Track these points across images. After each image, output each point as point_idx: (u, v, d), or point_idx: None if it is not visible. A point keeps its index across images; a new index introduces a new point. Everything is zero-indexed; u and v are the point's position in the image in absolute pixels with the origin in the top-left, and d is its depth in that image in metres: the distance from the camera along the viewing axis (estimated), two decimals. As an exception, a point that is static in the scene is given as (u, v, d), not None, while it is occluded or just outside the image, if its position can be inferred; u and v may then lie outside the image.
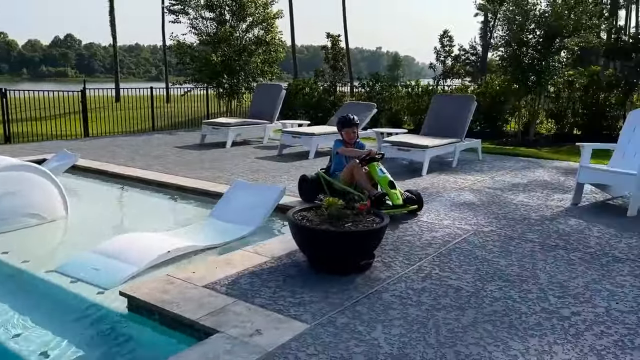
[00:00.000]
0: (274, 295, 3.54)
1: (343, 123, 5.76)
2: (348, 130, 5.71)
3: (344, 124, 5.74)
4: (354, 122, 5.74)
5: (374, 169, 5.38)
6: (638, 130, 5.90)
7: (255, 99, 11.79)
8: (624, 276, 3.84)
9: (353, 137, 5.75)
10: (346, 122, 5.74)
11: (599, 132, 11.03)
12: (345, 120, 5.75)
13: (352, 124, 5.72)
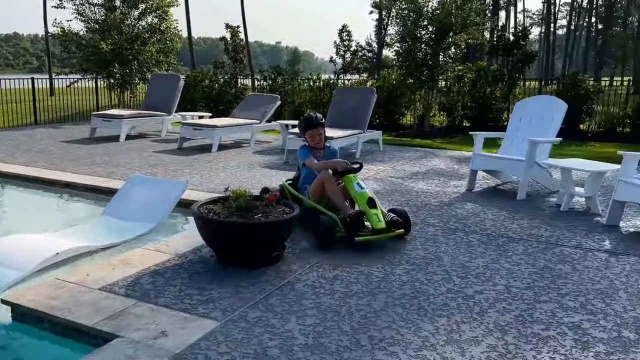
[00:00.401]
0: (179, 294, 3.33)
1: (306, 124, 4.68)
2: (313, 132, 4.66)
3: (308, 125, 4.67)
4: (318, 121, 4.66)
5: (350, 182, 4.38)
6: (524, 119, 6.35)
7: (150, 89, 11.15)
8: (519, 255, 4.09)
9: (320, 141, 4.71)
10: (309, 122, 4.67)
11: (486, 123, 11.78)
12: (308, 120, 4.68)
13: (316, 123, 4.65)
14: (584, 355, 2.67)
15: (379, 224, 4.12)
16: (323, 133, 4.74)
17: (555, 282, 3.56)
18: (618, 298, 3.33)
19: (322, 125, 4.71)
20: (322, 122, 4.71)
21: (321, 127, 4.71)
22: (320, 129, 4.70)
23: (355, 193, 4.30)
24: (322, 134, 4.72)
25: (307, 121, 4.71)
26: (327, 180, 4.34)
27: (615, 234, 4.60)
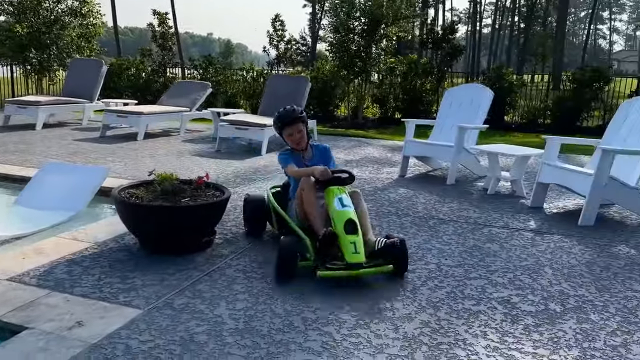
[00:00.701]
0: (98, 283, 3.08)
1: (282, 120, 3.69)
2: (291, 129, 3.68)
3: (284, 121, 3.68)
4: (296, 115, 3.68)
5: (331, 197, 3.37)
6: (454, 106, 6.48)
7: (70, 75, 10.41)
8: (449, 235, 4.14)
9: (301, 140, 3.71)
10: (284, 118, 3.68)
11: (417, 115, 11.98)
12: (283, 116, 3.70)
13: (293, 118, 3.67)
14: (514, 328, 2.71)
15: (354, 256, 3.05)
16: (304, 129, 3.71)
17: (484, 260, 3.62)
18: (544, 273, 3.43)
19: (300, 119, 3.68)
20: (300, 116, 3.69)
21: (301, 122, 3.69)
22: (299, 125, 3.68)
23: (333, 211, 3.25)
24: (302, 131, 3.70)
25: (281, 117, 3.69)
26: (306, 190, 3.38)
27: (539, 214, 4.78)
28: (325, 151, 3.88)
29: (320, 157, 3.81)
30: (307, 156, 3.79)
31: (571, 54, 36.19)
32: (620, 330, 2.71)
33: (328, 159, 3.83)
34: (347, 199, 3.35)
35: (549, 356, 2.47)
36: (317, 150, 3.86)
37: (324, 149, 3.90)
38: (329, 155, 3.87)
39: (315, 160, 3.77)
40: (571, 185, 4.71)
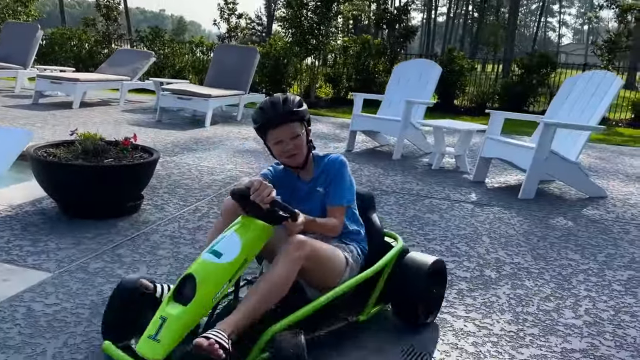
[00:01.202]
0: (6, 246, 2.81)
1: (265, 117, 2.10)
2: (279, 132, 2.11)
3: (268, 119, 2.10)
4: (289, 108, 2.10)
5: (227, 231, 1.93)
6: (402, 81, 6.40)
7: (2, 39, 9.73)
8: (390, 205, 4.05)
9: (298, 151, 2.14)
10: (269, 112, 2.10)
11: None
12: (267, 108, 2.10)
13: (283, 113, 2.09)
14: (447, 292, 2.63)
15: (148, 345, 1.62)
16: (303, 134, 2.13)
17: (423, 229, 3.55)
18: (481, 242, 3.39)
19: (296, 116, 2.10)
20: (296, 112, 2.10)
21: (297, 122, 2.11)
22: (293, 127, 2.10)
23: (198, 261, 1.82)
24: (300, 137, 2.11)
25: (263, 112, 2.10)
26: (222, 214, 2.09)
27: (481, 188, 4.77)
28: (336, 168, 2.16)
29: (326, 179, 2.17)
30: (306, 176, 2.22)
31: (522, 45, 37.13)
32: (554, 296, 2.69)
33: (338, 183, 2.15)
34: (235, 242, 1.81)
35: (481, 320, 2.40)
36: (323, 164, 2.19)
37: (336, 164, 2.17)
38: (341, 175, 2.16)
39: (320, 182, 2.18)
40: (513, 159, 4.71)
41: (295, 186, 2.21)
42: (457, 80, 11.54)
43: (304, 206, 2.07)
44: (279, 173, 2.24)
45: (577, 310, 2.55)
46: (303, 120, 2.12)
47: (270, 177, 2.18)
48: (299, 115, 2.09)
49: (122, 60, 9.17)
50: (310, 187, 2.19)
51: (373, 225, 2.41)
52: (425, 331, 2.27)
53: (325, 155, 2.22)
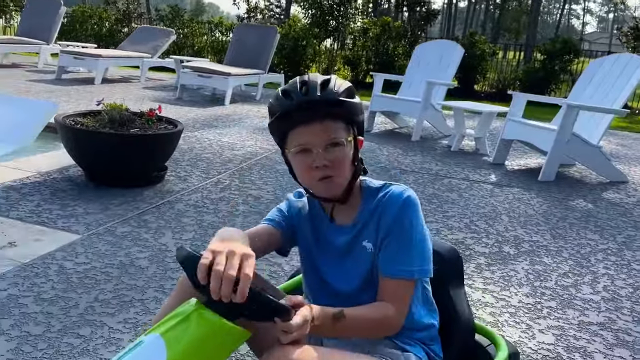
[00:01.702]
0: (36, 209, 2.90)
1: (286, 108, 1.15)
2: (304, 136, 1.15)
3: (290, 113, 1.14)
4: (329, 98, 1.14)
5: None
6: (423, 62, 6.37)
7: (25, 14, 9.81)
8: (409, 183, 4.07)
9: (335, 173, 1.16)
10: (294, 97, 1.14)
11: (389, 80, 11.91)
12: (288, 94, 1.16)
13: (317, 105, 1.13)
14: (466, 266, 2.67)
15: None
16: (347, 143, 1.17)
17: (442, 207, 3.58)
18: (500, 220, 3.41)
19: (335, 110, 1.16)
20: (337, 101, 1.15)
21: (334, 122, 1.16)
22: (331, 127, 1.15)
23: None
24: (342, 146, 1.16)
25: (284, 98, 1.16)
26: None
27: (500, 170, 4.76)
28: (399, 211, 1.19)
29: (378, 228, 1.21)
30: (345, 218, 1.27)
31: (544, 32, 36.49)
32: (572, 273, 2.71)
33: (403, 239, 1.19)
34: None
35: (499, 292, 2.44)
36: (381, 203, 1.22)
37: (400, 203, 1.19)
38: (409, 224, 1.19)
39: (369, 231, 1.22)
40: (534, 141, 4.69)
41: (324, 234, 1.27)
42: (478, 65, 11.43)
43: (335, 271, 1.25)
44: (299, 210, 1.31)
45: (595, 287, 2.57)
46: (352, 120, 1.18)
47: (284, 223, 1.29)
48: (347, 109, 1.16)
49: (143, 38, 9.23)
50: (351, 239, 1.23)
51: (457, 313, 1.32)
52: (444, 300, 2.31)
53: (383, 187, 1.24)
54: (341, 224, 1.25)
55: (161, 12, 13.24)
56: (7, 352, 1.70)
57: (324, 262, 1.28)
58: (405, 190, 1.21)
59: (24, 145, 4.29)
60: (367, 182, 1.27)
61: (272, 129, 1.19)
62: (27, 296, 2.03)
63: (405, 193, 1.20)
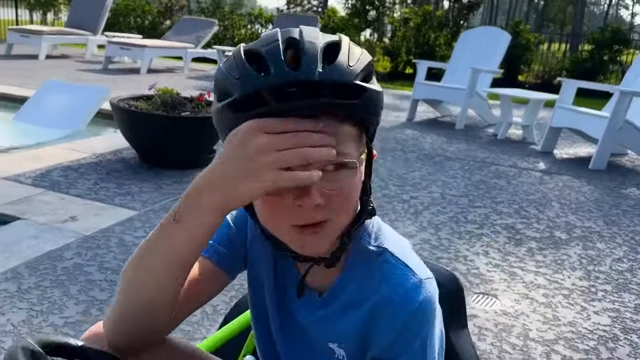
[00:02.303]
0: (94, 187, 3.02)
1: (255, 87, 0.59)
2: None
3: (250, 104, 0.60)
4: (335, 79, 0.60)
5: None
6: (468, 49, 6.27)
7: (74, 4, 10.11)
8: (455, 170, 4.04)
9: (331, 216, 0.65)
10: (273, 69, 0.60)
11: (429, 71, 11.78)
12: (263, 60, 0.61)
13: (315, 87, 0.59)
14: (517, 250, 2.64)
15: None
16: (357, 163, 0.65)
17: (490, 192, 3.53)
18: (551, 207, 3.34)
19: (326, 104, 0.60)
20: (357, 87, 0.62)
21: (342, 122, 0.63)
22: (327, 125, 0.61)
23: None
24: (352, 168, 0.64)
25: (240, 82, 0.61)
26: None
27: (549, 158, 4.66)
28: (407, 319, 0.68)
29: (362, 328, 0.73)
30: (320, 282, 0.76)
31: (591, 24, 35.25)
32: (627, 258, 2.64)
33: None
34: None
35: (552, 275, 2.40)
36: (367, 291, 0.72)
37: (403, 311, 0.68)
38: (421, 341, 0.69)
39: (336, 330, 0.75)
40: (584, 128, 4.57)
41: (287, 293, 0.80)
42: (522, 55, 11.16)
43: (294, 356, 0.82)
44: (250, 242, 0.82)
45: (653, 273, 2.50)
46: (369, 124, 0.68)
47: (226, 252, 0.79)
48: (367, 104, 0.64)
49: (186, 29, 9.41)
50: (316, 320, 0.77)
51: None
52: (494, 281, 2.30)
53: (383, 254, 0.73)
54: (311, 289, 0.76)
55: (202, 4, 13.42)
56: (77, 314, 1.79)
57: (282, 336, 0.80)
58: (419, 288, 0.69)
59: (77, 129, 4.46)
60: (363, 241, 0.73)
61: (219, 122, 0.65)
62: (91, 265, 2.12)
63: (421, 293, 0.68)
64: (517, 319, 2.03)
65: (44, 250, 2.19)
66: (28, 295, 1.87)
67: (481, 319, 2.00)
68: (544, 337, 1.92)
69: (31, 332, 1.68)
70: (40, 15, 12.93)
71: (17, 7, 12.94)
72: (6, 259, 2.09)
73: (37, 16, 13.08)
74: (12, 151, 3.74)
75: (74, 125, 4.47)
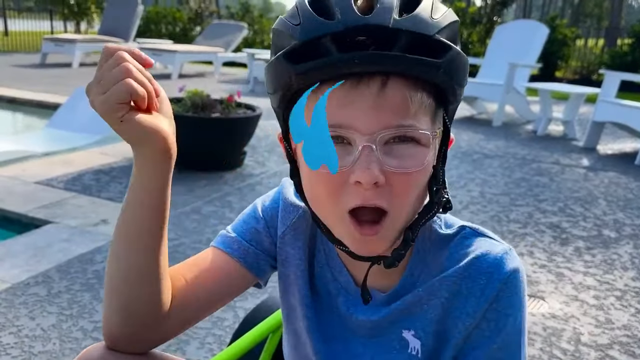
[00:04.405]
0: (125, 190, 2.97)
1: (303, 44, 0.52)
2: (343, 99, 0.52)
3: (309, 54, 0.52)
4: (414, 30, 0.51)
5: None
6: (504, 44, 6.08)
7: (106, 14, 10.32)
8: (494, 168, 3.88)
9: (402, 188, 0.55)
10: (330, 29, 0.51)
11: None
12: (313, 14, 0.53)
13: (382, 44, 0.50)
14: (564, 249, 2.49)
15: None
16: (422, 135, 0.55)
17: (532, 190, 3.37)
18: (597, 204, 3.16)
19: (400, 62, 0.51)
20: (414, 37, 0.51)
21: (398, 81, 0.52)
22: (397, 89, 0.52)
23: None
24: (412, 137, 0.55)
25: (300, 30, 0.53)
26: None
27: (592, 154, 4.45)
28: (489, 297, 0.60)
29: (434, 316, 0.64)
30: (373, 281, 0.64)
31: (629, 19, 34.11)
32: (685, 259, 2.45)
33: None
34: None
35: (602, 275, 2.24)
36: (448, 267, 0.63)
37: (494, 279, 0.60)
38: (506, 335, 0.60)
39: (411, 319, 0.65)
40: (630, 122, 4.33)
41: (333, 294, 0.69)
42: (558, 50, 10.82)
43: None
44: (292, 226, 0.71)
45: None
46: (448, 95, 0.57)
47: (251, 251, 0.70)
48: (449, 67, 0.54)
49: (216, 33, 9.46)
50: (380, 319, 0.66)
51: None
52: (540, 282, 2.16)
53: (459, 233, 0.65)
54: (371, 288, 0.65)
55: (231, 10, 13.52)
56: (106, 318, 1.74)
57: (326, 344, 0.69)
58: (508, 255, 0.61)
59: (108, 134, 4.48)
60: (439, 229, 0.65)
61: (272, 81, 0.56)
62: (122, 268, 2.08)
63: (512, 260, 0.61)
64: (567, 322, 1.89)
65: (75, 253, 2.16)
66: (58, 299, 1.84)
67: (528, 323, 1.87)
68: (597, 342, 1.78)
69: (60, 337, 1.64)
70: (74, 26, 13.24)
71: (51, 19, 13.31)
72: (37, 263, 2.07)
73: (70, 26, 13.40)
74: (45, 156, 3.77)
75: (105, 130, 4.44)
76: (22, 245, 2.22)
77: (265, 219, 0.70)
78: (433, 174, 0.58)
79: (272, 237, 0.70)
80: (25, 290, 1.88)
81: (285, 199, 0.70)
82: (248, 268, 0.68)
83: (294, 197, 0.70)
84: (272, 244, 0.70)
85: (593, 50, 13.14)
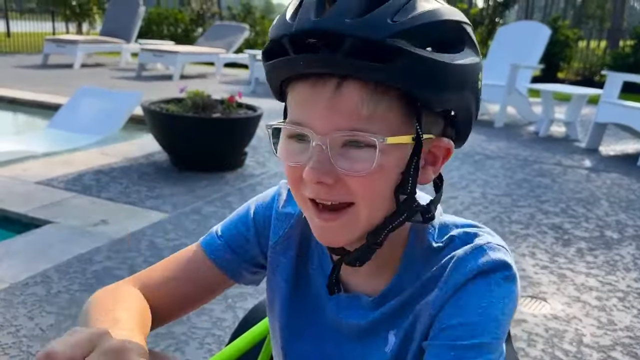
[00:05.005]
0: (125, 190, 2.99)
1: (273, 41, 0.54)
2: (303, 95, 0.54)
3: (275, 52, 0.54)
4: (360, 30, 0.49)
5: None
6: (505, 45, 6.07)
7: (108, 15, 10.31)
8: (496, 169, 3.87)
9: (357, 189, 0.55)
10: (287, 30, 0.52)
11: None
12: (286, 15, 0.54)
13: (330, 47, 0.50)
14: (565, 250, 2.47)
15: None
16: (370, 141, 0.52)
17: (534, 191, 3.36)
18: (599, 205, 3.15)
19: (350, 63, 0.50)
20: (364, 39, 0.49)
21: (352, 82, 0.51)
22: (349, 90, 0.52)
23: None
24: (357, 141, 0.53)
25: (275, 28, 0.55)
26: None
27: (595, 155, 4.43)
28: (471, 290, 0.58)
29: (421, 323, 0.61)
30: (359, 282, 0.66)
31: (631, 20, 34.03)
32: (688, 260, 2.44)
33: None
34: None
35: (605, 276, 2.23)
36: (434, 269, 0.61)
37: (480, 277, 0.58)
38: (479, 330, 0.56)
39: (397, 321, 0.64)
40: (633, 124, 4.32)
41: (320, 295, 0.68)
42: (560, 52, 10.80)
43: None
44: (286, 225, 0.70)
45: None
46: (414, 91, 0.53)
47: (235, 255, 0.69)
48: (405, 65, 0.50)
49: (218, 34, 9.46)
50: (368, 324, 0.65)
51: None
52: (542, 283, 2.14)
53: (446, 243, 0.62)
54: (355, 292, 0.65)
55: (233, 11, 13.53)
56: (105, 318, 1.73)
57: (307, 347, 0.69)
58: (497, 249, 0.59)
59: (109, 134, 4.48)
60: (431, 238, 0.62)
61: (265, 71, 0.58)
62: (121, 268, 2.07)
63: (496, 252, 0.58)
64: (569, 323, 1.88)
65: (74, 253, 2.16)
66: (57, 299, 1.83)
67: (530, 324, 1.86)
68: (600, 343, 1.77)
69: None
70: (75, 27, 13.25)
71: (53, 20, 13.32)
72: (36, 263, 2.07)
73: (72, 27, 13.42)
74: (45, 156, 3.77)
75: (106, 130, 4.49)
76: (21, 245, 2.22)
77: (257, 227, 0.69)
78: (400, 182, 0.55)
79: (261, 247, 0.70)
80: (24, 290, 1.88)
81: (278, 208, 0.69)
82: (229, 276, 0.69)
83: (287, 207, 0.69)
84: (260, 254, 0.70)
85: (595, 52, 13.10)
